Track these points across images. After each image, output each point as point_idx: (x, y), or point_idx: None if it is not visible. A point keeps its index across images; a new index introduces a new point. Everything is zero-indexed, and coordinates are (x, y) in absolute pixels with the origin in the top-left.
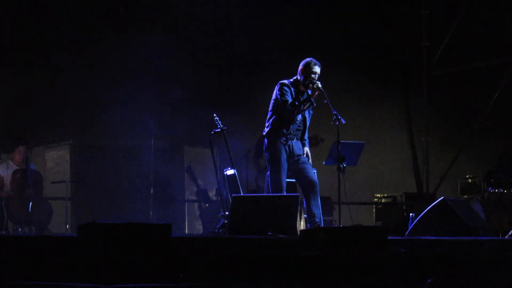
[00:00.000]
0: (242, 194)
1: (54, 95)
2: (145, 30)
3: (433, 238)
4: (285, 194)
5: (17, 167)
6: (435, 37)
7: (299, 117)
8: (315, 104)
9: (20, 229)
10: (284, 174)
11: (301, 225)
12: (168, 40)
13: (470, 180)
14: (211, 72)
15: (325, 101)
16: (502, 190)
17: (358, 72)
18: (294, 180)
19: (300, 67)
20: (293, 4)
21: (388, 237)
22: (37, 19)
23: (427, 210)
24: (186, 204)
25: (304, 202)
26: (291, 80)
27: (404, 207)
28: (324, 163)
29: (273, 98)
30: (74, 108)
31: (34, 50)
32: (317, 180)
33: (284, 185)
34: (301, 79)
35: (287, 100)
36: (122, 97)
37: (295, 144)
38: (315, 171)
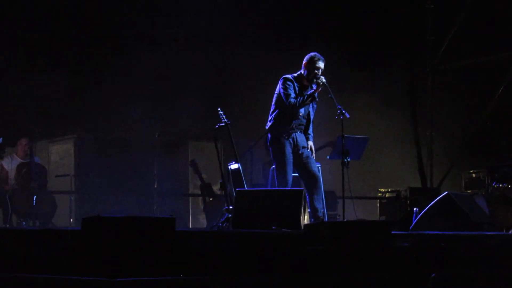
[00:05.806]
0: (246, 188)
1: (59, 89)
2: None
3: (437, 233)
4: (289, 188)
5: (22, 160)
6: (440, 31)
7: (302, 111)
8: (317, 99)
9: (24, 223)
10: (290, 167)
11: (305, 219)
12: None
13: (474, 175)
14: (216, 65)
15: (330, 95)
16: (506, 185)
17: (362, 67)
18: (297, 174)
19: (304, 61)
20: None
21: (392, 232)
22: (39, 18)
23: (431, 205)
24: (190, 198)
25: (307, 197)
26: (295, 74)
27: (408, 201)
28: (328, 157)
29: (276, 92)
30: (79, 102)
31: (38, 44)
32: (320, 175)
33: (290, 178)
34: (305, 73)
35: (289, 94)
36: (127, 91)
37: (299, 136)
38: (318, 165)
